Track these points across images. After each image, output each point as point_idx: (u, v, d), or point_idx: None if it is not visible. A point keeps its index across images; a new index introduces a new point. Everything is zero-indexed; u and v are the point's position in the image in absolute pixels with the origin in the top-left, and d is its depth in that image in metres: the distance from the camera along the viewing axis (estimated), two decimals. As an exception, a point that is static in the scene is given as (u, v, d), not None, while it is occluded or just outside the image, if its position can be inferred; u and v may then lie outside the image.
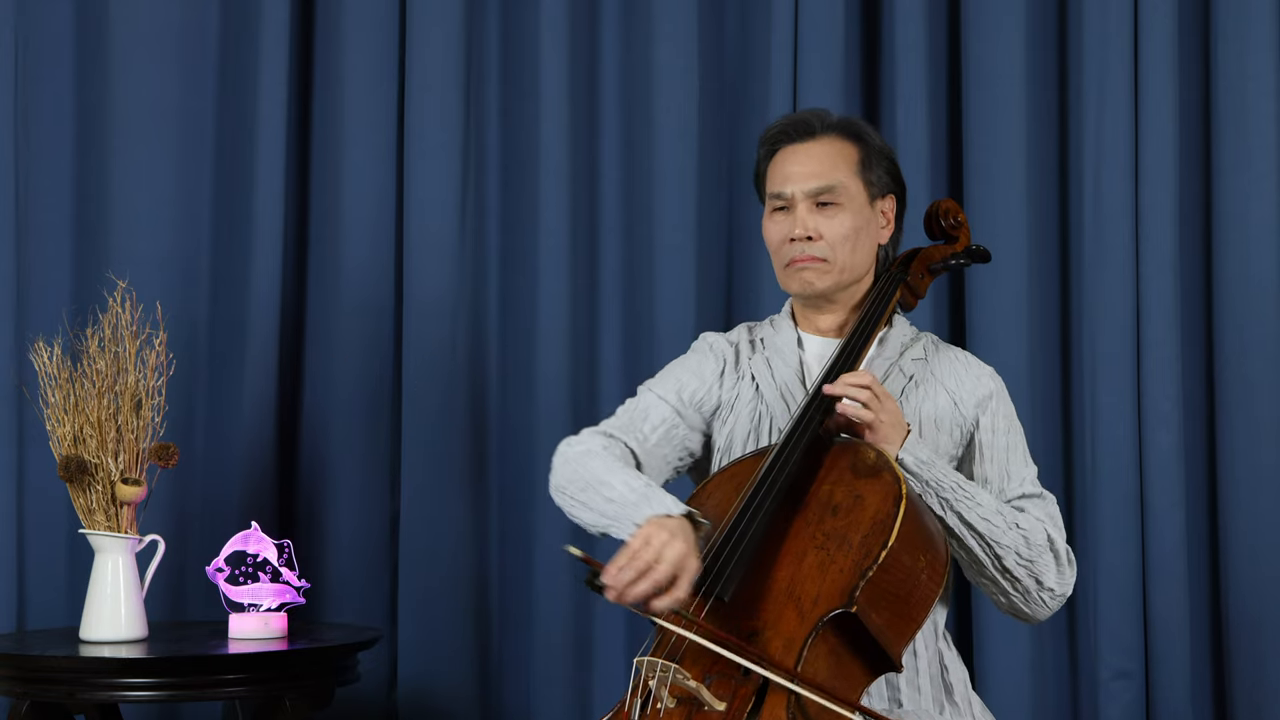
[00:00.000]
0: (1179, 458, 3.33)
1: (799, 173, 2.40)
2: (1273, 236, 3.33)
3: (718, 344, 2.49)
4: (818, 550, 2.13)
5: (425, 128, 3.48)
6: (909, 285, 2.45)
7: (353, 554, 3.48)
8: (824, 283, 2.39)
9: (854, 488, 2.17)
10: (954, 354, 2.45)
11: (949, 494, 2.25)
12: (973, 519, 2.25)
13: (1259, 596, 3.30)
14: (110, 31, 3.48)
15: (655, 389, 2.45)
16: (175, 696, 2.94)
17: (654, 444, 2.40)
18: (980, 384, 2.41)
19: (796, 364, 2.41)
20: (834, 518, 2.16)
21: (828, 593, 2.08)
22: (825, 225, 2.37)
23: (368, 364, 3.50)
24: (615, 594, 2.06)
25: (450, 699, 3.45)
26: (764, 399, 2.40)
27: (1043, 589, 2.29)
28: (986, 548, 2.26)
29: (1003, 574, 2.28)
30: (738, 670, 2.06)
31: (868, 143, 2.43)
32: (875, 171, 2.42)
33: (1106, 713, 3.32)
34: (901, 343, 2.42)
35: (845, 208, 2.38)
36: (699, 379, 2.45)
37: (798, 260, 2.39)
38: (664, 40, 3.48)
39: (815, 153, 2.40)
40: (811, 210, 2.38)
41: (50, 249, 3.46)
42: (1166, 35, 3.36)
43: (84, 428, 2.94)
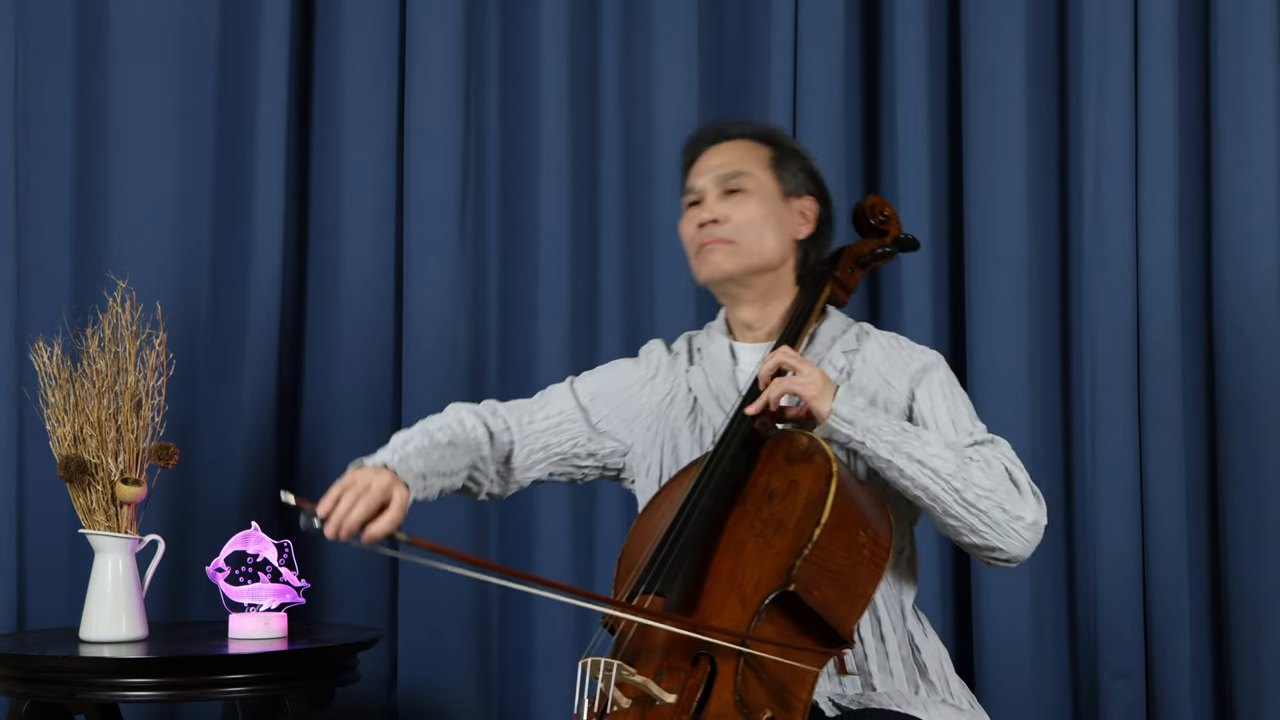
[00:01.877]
0: (1179, 458, 3.33)
1: (709, 166, 2.44)
2: (1273, 236, 3.33)
3: (655, 352, 2.52)
4: (756, 538, 2.15)
5: (425, 127, 3.48)
6: (838, 280, 2.46)
7: (353, 554, 3.47)
8: (730, 264, 2.39)
9: (788, 474, 2.19)
10: (886, 339, 2.44)
11: (893, 436, 2.23)
12: (922, 456, 2.22)
13: (1259, 596, 3.30)
14: (110, 31, 3.49)
15: (576, 381, 2.51)
16: (175, 696, 2.94)
17: (541, 429, 2.45)
18: (912, 360, 2.39)
19: (730, 373, 2.42)
20: (770, 505, 2.17)
21: (766, 575, 2.10)
22: (732, 210, 2.40)
23: (368, 364, 3.50)
24: (333, 526, 2.17)
25: (450, 699, 3.45)
26: (703, 410, 2.41)
27: (1011, 518, 2.24)
28: (943, 483, 2.22)
29: (967, 509, 2.23)
30: (686, 662, 2.08)
31: (781, 145, 2.47)
32: (789, 169, 2.44)
33: (1106, 713, 3.32)
34: (831, 336, 2.42)
35: (753, 194, 2.41)
36: (621, 383, 2.49)
37: (705, 244, 2.40)
38: (664, 40, 3.48)
39: (726, 149, 2.45)
40: (720, 198, 2.41)
41: (50, 249, 3.46)
42: (1166, 35, 3.36)
43: (84, 428, 2.94)
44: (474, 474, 2.43)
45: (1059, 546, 3.40)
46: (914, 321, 3.37)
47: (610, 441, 2.48)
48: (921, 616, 2.38)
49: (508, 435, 2.45)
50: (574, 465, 2.49)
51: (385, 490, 2.21)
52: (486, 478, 2.44)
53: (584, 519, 3.46)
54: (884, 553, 2.18)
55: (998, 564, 2.30)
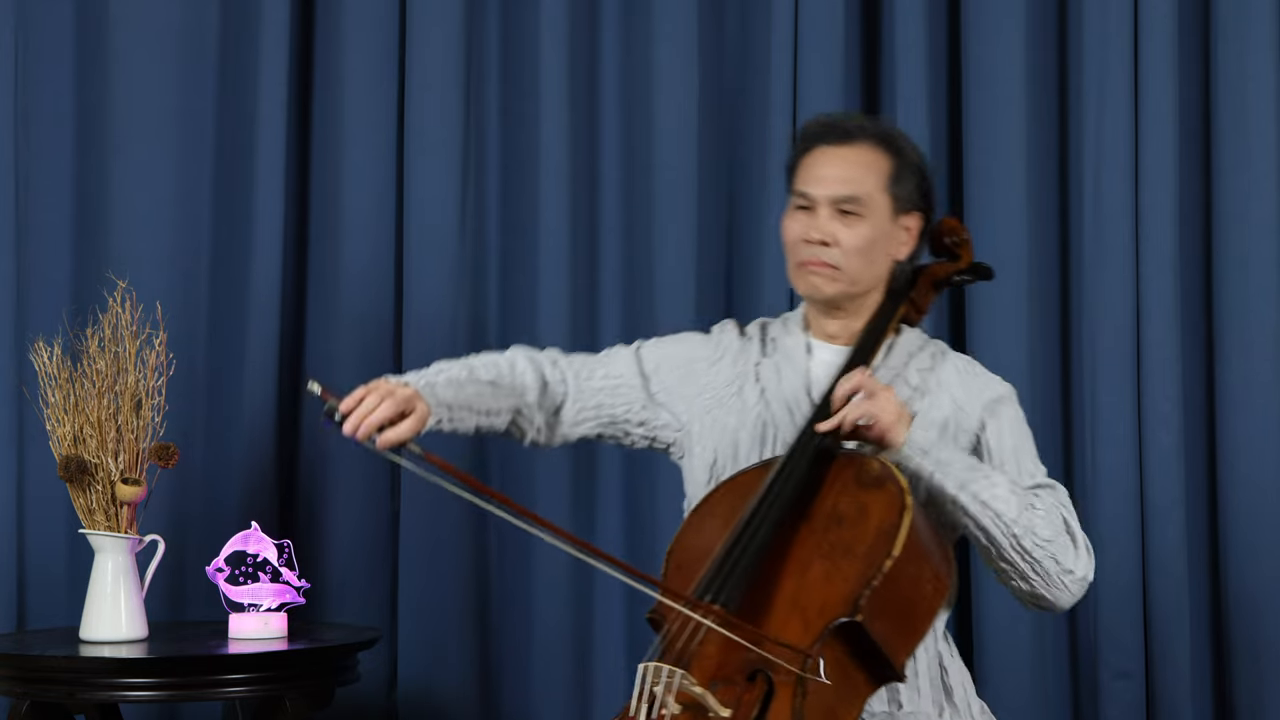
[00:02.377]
0: (1179, 458, 3.33)
1: (828, 176, 2.36)
2: (1273, 236, 3.33)
3: (727, 333, 2.48)
4: (823, 560, 2.13)
5: (425, 127, 3.48)
6: (913, 301, 2.44)
7: (353, 554, 3.48)
8: (831, 289, 2.36)
9: (858, 498, 2.17)
10: (961, 362, 2.42)
11: (962, 473, 2.22)
12: (988, 497, 2.21)
13: (1259, 596, 3.30)
14: (110, 31, 3.48)
15: (642, 347, 2.49)
16: (175, 696, 2.94)
17: (596, 387, 2.44)
18: (987, 389, 2.38)
19: (804, 372, 2.40)
20: (839, 528, 2.15)
21: (833, 602, 2.08)
22: (843, 233, 2.34)
23: (368, 363, 3.49)
24: (352, 423, 2.17)
25: (450, 699, 3.45)
26: (770, 409, 2.38)
27: (1063, 570, 2.24)
28: (1004, 527, 2.22)
29: (1022, 555, 2.23)
30: (742, 676, 2.06)
31: (903, 156, 2.39)
32: (905, 186, 2.38)
33: (1106, 713, 3.32)
34: (908, 352, 2.40)
35: (866, 219, 2.35)
36: (685, 358, 2.46)
37: (809, 263, 2.36)
38: (664, 40, 3.48)
39: (848, 158, 2.37)
40: (833, 216, 2.35)
41: (50, 249, 3.46)
42: (1166, 35, 3.36)
43: (84, 428, 2.94)
44: (518, 419, 2.41)
45: (1059, 546, 3.40)
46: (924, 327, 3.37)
47: (665, 414, 2.45)
48: (949, 639, 2.38)
49: (562, 387, 2.43)
50: (624, 430, 2.46)
51: (409, 400, 2.21)
52: (532, 425, 2.42)
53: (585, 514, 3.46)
54: (944, 589, 2.18)
55: (1039, 609, 2.30)
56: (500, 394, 2.38)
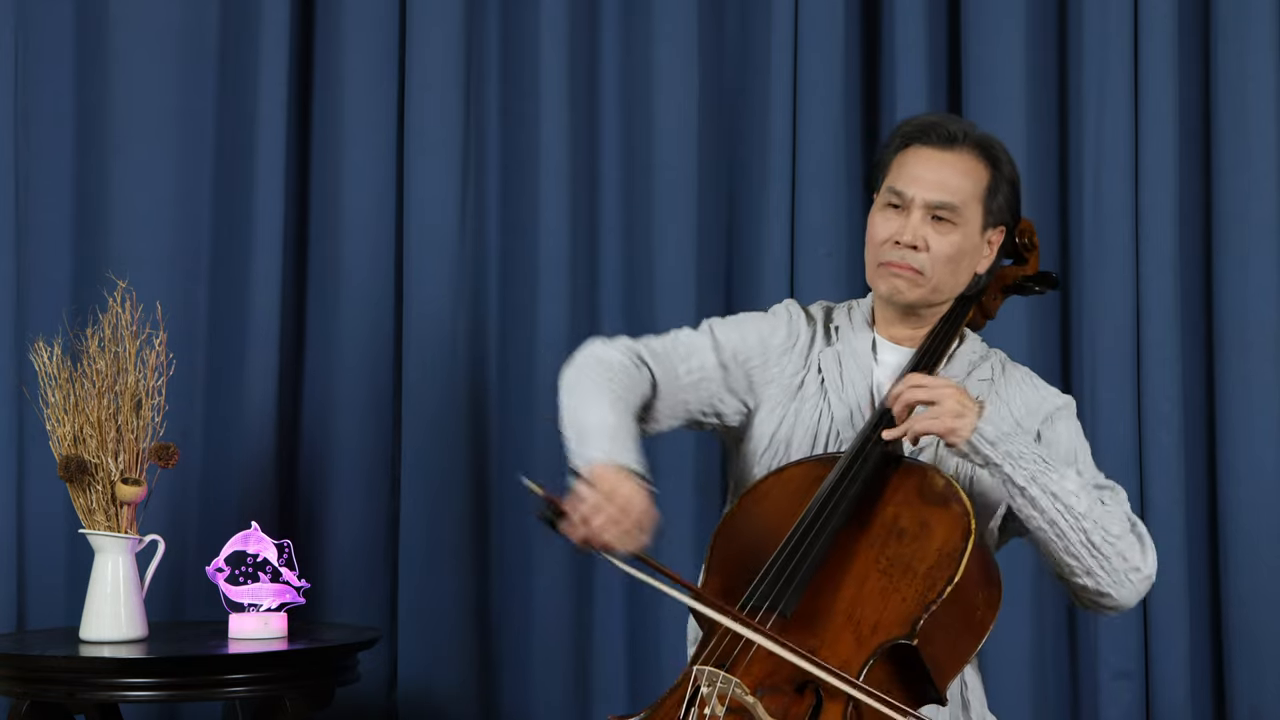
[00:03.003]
0: (1179, 458, 3.33)
1: (928, 179, 2.32)
2: (1273, 236, 3.33)
3: (797, 319, 2.42)
4: (880, 575, 2.10)
5: (425, 127, 3.48)
6: (982, 305, 2.42)
7: (353, 554, 3.47)
8: (913, 295, 2.32)
9: (920, 513, 2.14)
10: (1021, 374, 2.39)
11: (1033, 465, 2.17)
12: (1059, 490, 2.17)
13: (1259, 596, 3.30)
14: (110, 31, 3.48)
15: (716, 332, 2.39)
16: (175, 696, 2.94)
17: (682, 385, 2.34)
18: (1046, 401, 2.35)
19: (869, 371, 2.36)
20: (899, 543, 2.12)
21: (888, 621, 2.06)
22: (934, 240, 2.31)
23: (368, 364, 3.50)
24: (586, 537, 2.04)
25: (450, 699, 3.45)
26: (829, 401, 2.35)
27: (1129, 567, 2.21)
28: (1074, 521, 2.18)
29: (1091, 551, 2.19)
30: (790, 686, 2.04)
31: (1000, 170, 2.36)
32: (998, 200, 2.35)
33: (1106, 713, 3.32)
34: (970, 361, 2.37)
35: (959, 230, 2.31)
36: (762, 344, 2.38)
37: (894, 265, 2.31)
38: (664, 40, 3.48)
39: (950, 164, 2.33)
40: (925, 220, 2.31)
41: (50, 249, 3.46)
42: (1166, 35, 3.36)
43: (84, 428, 2.94)
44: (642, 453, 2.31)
45: (1059, 546, 3.40)
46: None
47: (736, 402, 2.38)
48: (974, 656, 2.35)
49: (652, 390, 2.33)
50: (698, 419, 2.39)
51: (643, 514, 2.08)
52: None
53: None
54: (994, 615, 2.16)
55: (1100, 609, 2.27)
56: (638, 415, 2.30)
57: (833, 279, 3.40)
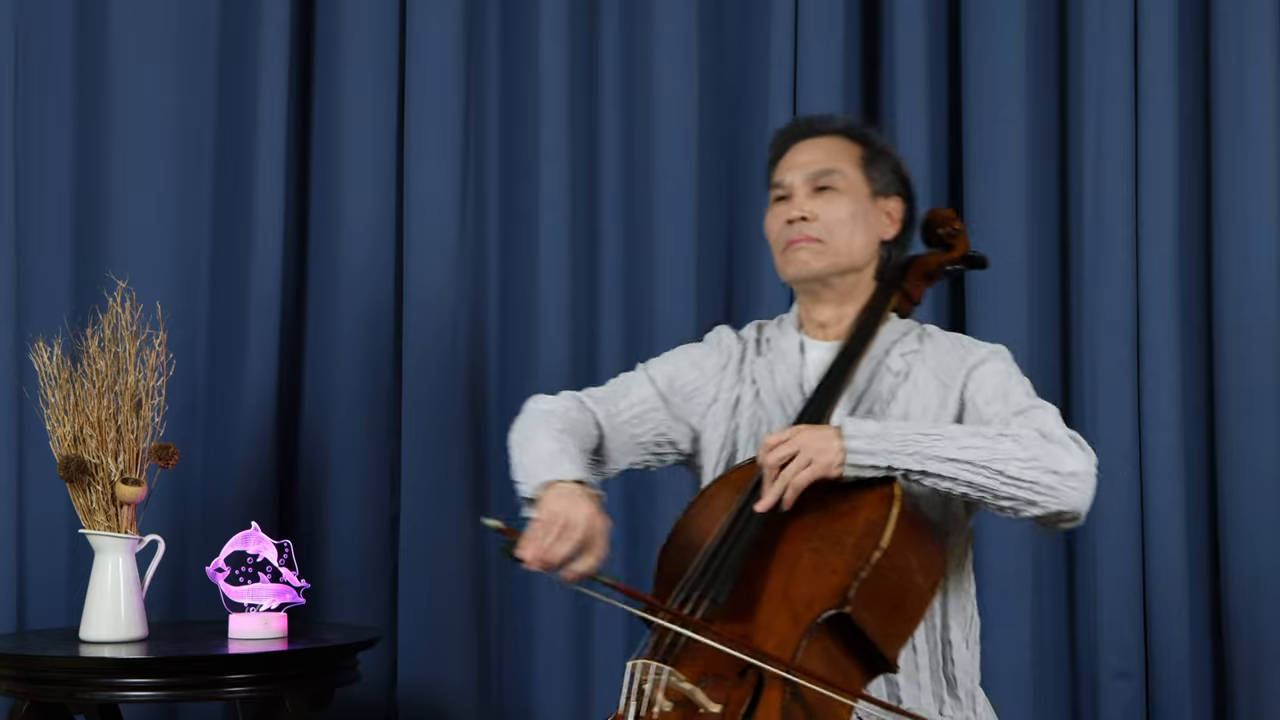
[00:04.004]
0: (1179, 458, 3.34)
1: (800, 161, 2.42)
2: (1273, 236, 3.33)
3: (726, 339, 2.50)
4: (812, 553, 2.13)
5: (425, 128, 3.48)
6: (905, 291, 2.44)
7: (353, 554, 3.48)
8: (819, 263, 2.38)
9: (848, 492, 2.17)
10: (949, 339, 2.41)
11: (918, 445, 2.17)
12: (951, 453, 2.17)
13: (1259, 596, 3.30)
14: (110, 31, 3.48)
15: (650, 368, 2.49)
16: (175, 696, 2.94)
17: (625, 420, 2.44)
18: (971, 354, 2.36)
19: (797, 370, 2.41)
20: (828, 521, 2.16)
21: (821, 594, 2.09)
22: (822, 208, 2.39)
23: (368, 363, 3.50)
24: (539, 561, 2.16)
25: (450, 699, 3.45)
26: (764, 406, 2.40)
27: (1060, 477, 2.17)
28: (982, 469, 2.16)
29: (1016, 485, 2.17)
30: (733, 672, 2.07)
31: (872, 144, 2.45)
32: (879, 168, 2.42)
33: (1106, 713, 3.33)
34: (890, 340, 2.40)
35: (844, 193, 2.39)
36: (697, 370, 2.47)
37: (794, 241, 2.39)
38: (664, 40, 3.48)
39: (818, 144, 2.43)
40: (810, 195, 2.40)
41: (50, 249, 3.46)
42: (1166, 35, 3.36)
43: (84, 428, 2.94)
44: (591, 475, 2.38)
45: (1059, 546, 3.40)
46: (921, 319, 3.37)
47: (684, 428, 2.46)
48: (971, 624, 2.35)
49: (596, 430, 2.43)
50: (654, 453, 2.47)
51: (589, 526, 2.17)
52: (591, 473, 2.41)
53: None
54: (936, 580, 2.17)
55: (1065, 527, 2.23)
56: (588, 451, 2.39)
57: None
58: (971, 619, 2.37)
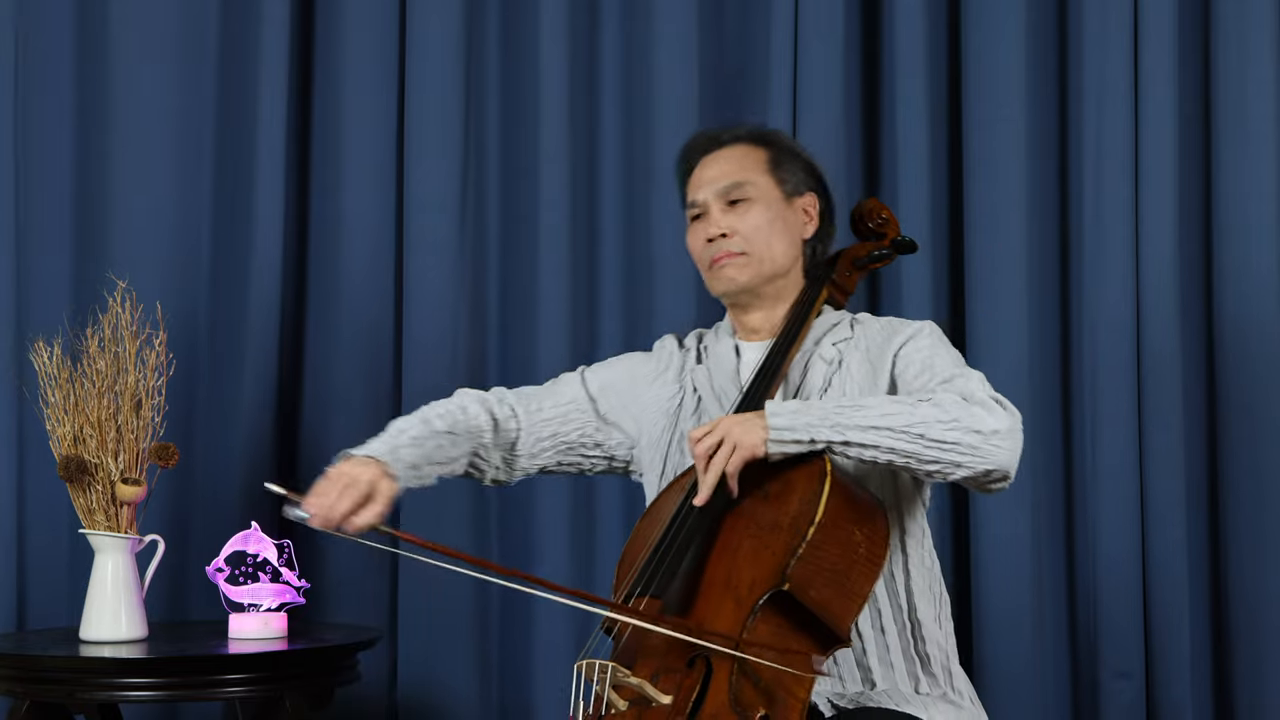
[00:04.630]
0: (1179, 458, 3.33)
1: (707, 178, 2.43)
2: (1273, 236, 3.33)
3: (667, 347, 2.52)
4: (751, 539, 2.15)
5: (425, 128, 3.48)
6: (835, 283, 2.47)
7: (353, 554, 3.47)
8: (745, 276, 2.39)
9: (784, 475, 2.17)
10: (880, 323, 2.41)
11: (837, 418, 2.15)
12: (872, 420, 2.15)
13: (1259, 596, 3.30)
14: (110, 31, 3.48)
15: (586, 371, 2.53)
16: (175, 696, 2.94)
17: (548, 417, 2.47)
18: (899, 333, 2.37)
19: (734, 372, 2.42)
20: (765, 506, 2.17)
21: (761, 575, 2.10)
22: (738, 221, 2.39)
23: (368, 364, 3.50)
24: (320, 518, 2.20)
25: (450, 699, 3.45)
26: (707, 411, 2.40)
27: (985, 436, 2.16)
28: (902, 434, 2.15)
29: (940, 446, 2.15)
30: (682, 663, 2.08)
31: (777, 145, 2.46)
32: (788, 169, 2.43)
33: (1106, 713, 3.33)
34: (821, 331, 2.41)
35: (756, 202, 2.40)
36: (630, 376, 2.50)
37: (717, 259, 2.40)
38: (664, 40, 3.48)
39: (722, 157, 2.44)
40: (724, 210, 2.40)
41: (50, 249, 3.46)
42: (1166, 35, 3.36)
43: (84, 428, 2.94)
44: (475, 461, 2.45)
45: (1059, 546, 3.40)
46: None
47: (617, 433, 2.48)
48: (941, 603, 2.35)
49: (514, 423, 2.46)
50: (581, 455, 2.50)
51: (371, 483, 2.23)
52: (490, 464, 2.46)
53: (584, 520, 3.46)
54: (881, 551, 2.17)
55: (997, 488, 2.22)
56: (458, 441, 2.42)
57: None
58: (940, 597, 2.36)
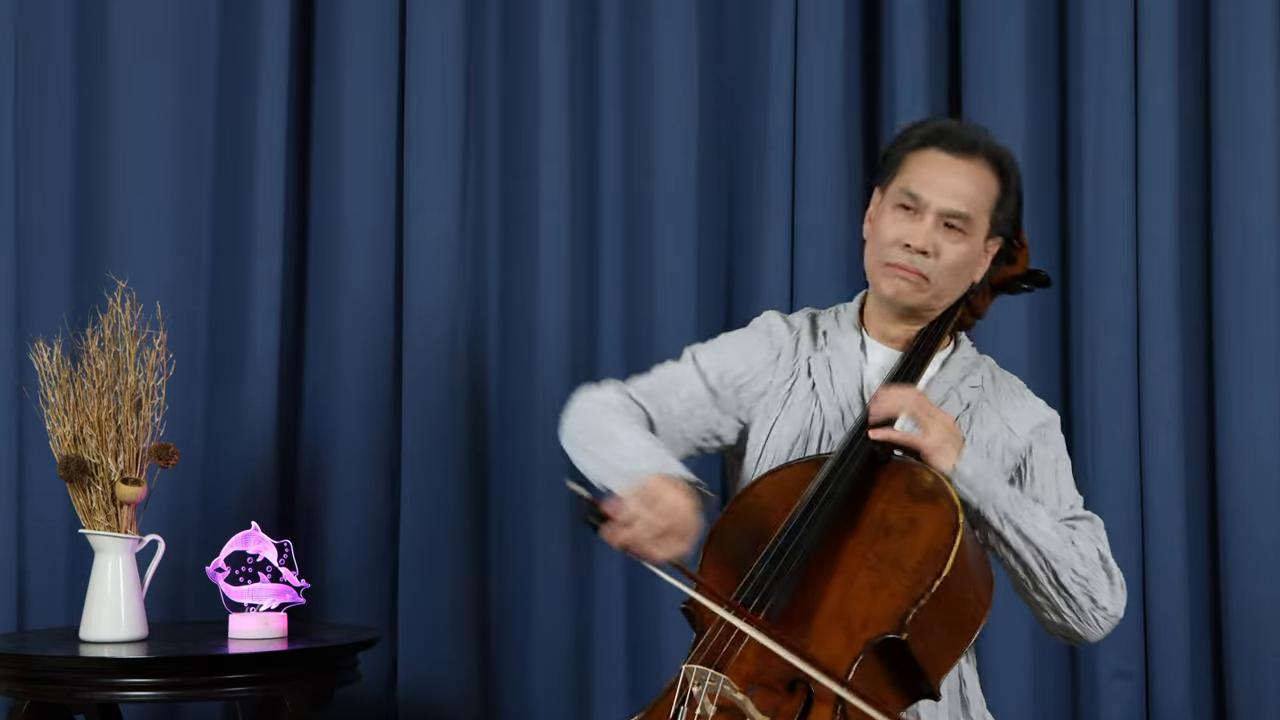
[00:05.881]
0: (1179, 458, 3.34)
1: (944, 186, 2.32)
2: (1273, 236, 3.33)
3: (777, 330, 2.43)
4: (870, 571, 2.10)
5: (425, 128, 3.48)
6: (971, 305, 2.42)
7: (353, 554, 3.47)
8: (915, 299, 2.33)
9: (909, 510, 2.15)
10: (1012, 383, 2.41)
11: (1006, 505, 2.20)
12: (1030, 532, 2.21)
13: (1259, 596, 3.30)
14: (110, 31, 3.48)
15: (699, 360, 2.40)
16: (175, 696, 2.94)
17: (677, 416, 2.36)
18: (1035, 413, 2.37)
19: (858, 372, 2.36)
20: (887, 539, 2.13)
21: (878, 616, 2.06)
22: (945, 247, 2.31)
23: (368, 364, 3.50)
24: (625, 533, 2.06)
25: (450, 699, 3.45)
26: (820, 404, 2.35)
27: (1097, 607, 2.25)
28: (1044, 563, 2.22)
29: (1058, 590, 2.23)
30: (782, 684, 2.04)
31: (1009, 182, 2.37)
32: (1004, 212, 2.36)
33: (1106, 713, 3.33)
34: (963, 367, 2.38)
35: (967, 239, 2.32)
36: (746, 363, 2.39)
37: (902, 267, 2.32)
38: (664, 40, 3.48)
39: (965, 173, 2.33)
40: (938, 226, 2.31)
41: (50, 249, 3.46)
42: (1166, 35, 3.36)
43: (84, 428, 2.94)
44: None
45: (1059, 546, 3.40)
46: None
47: (732, 420, 2.39)
48: (970, 651, 2.35)
49: (650, 425, 2.35)
50: (699, 446, 2.41)
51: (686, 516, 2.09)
52: None
53: None
54: (985, 610, 2.16)
55: (1066, 641, 2.31)
56: None
57: (833, 279, 3.40)
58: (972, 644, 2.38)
